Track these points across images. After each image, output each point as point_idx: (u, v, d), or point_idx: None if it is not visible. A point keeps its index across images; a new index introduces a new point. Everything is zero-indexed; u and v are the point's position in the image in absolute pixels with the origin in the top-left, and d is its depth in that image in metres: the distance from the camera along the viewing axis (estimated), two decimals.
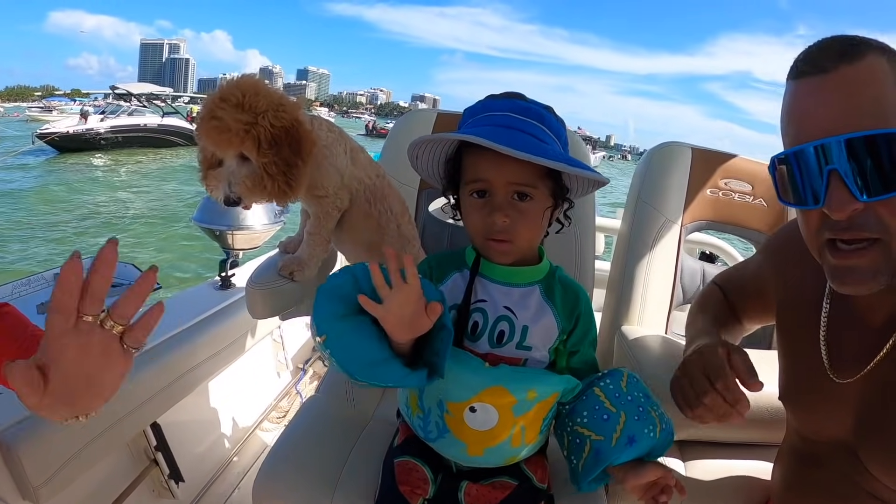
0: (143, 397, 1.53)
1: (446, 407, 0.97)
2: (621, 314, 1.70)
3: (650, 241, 1.71)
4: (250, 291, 1.31)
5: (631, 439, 0.92)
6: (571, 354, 1.05)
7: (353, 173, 1.36)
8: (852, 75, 0.72)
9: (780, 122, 0.83)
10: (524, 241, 0.97)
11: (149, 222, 11.70)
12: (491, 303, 1.00)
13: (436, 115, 1.77)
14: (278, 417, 2.37)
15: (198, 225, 2.01)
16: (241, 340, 2.02)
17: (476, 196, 0.96)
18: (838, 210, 0.73)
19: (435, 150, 1.02)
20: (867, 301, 0.85)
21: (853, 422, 0.86)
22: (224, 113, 1.13)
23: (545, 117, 0.97)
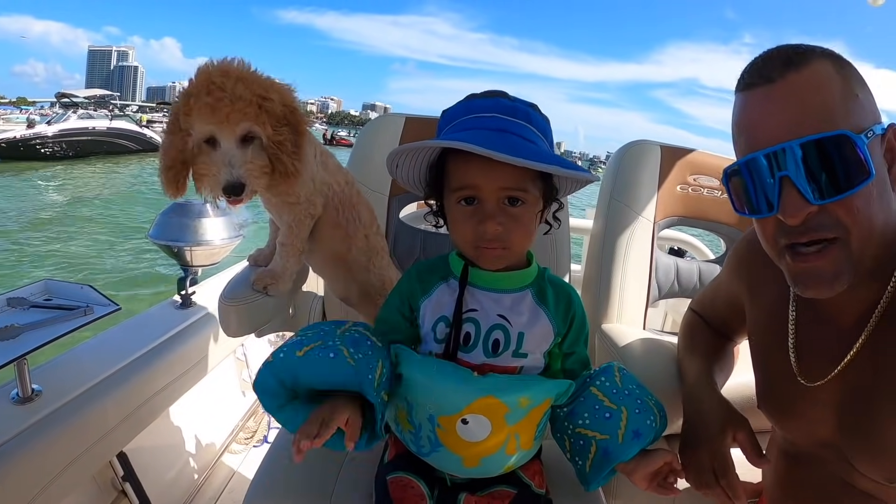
0: (108, 427, 1.45)
1: (437, 421, 0.94)
2: (600, 313, 1.71)
3: (624, 238, 1.72)
4: (224, 308, 1.24)
5: (636, 433, 0.93)
6: (567, 356, 1.04)
7: (324, 178, 1.28)
8: (799, 82, 0.74)
9: (732, 135, 0.85)
10: (518, 246, 0.94)
11: (99, 236, 11.27)
12: (482, 311, 0.97)
13: (404, 119, 1.73)
14: (246, 438, 2.30)
15: (154, 242, 1.91)
16: (204, 360, 1.94)
17: (464, 203, 0.91)
18: (792, 215, 0.75)
19: (417, 156, 0.97)
20: (834, 303, 0.84)
21: (835, 422, 0.86)
22: (231, 85, 1.02)
23: (532, 116, 0.92)
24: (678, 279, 1.79)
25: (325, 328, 0.96)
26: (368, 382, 0.89)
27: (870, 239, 0.75)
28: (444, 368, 0.92)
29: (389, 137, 1.71)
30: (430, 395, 0.94)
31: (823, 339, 0.88)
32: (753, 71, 0.79)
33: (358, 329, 0.97)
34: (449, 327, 0.95)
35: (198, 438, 2.06)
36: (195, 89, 1.03)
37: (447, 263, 1.03)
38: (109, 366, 1.54)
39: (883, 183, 0.75)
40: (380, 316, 1.07)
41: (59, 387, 1.39)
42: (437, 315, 0.97)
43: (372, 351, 0.93)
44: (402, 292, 1.03)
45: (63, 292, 1.56)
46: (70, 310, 1.43)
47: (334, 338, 0.92)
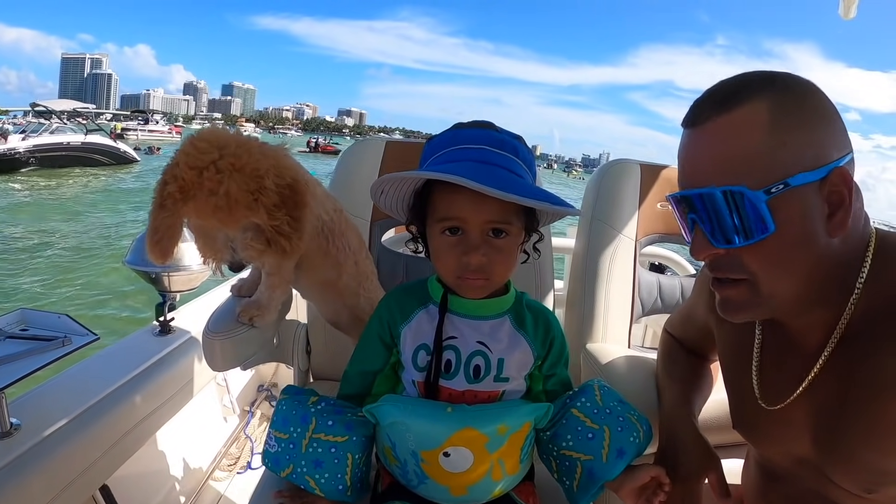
0: (90, 460, 1.41)
1: (420, 456, 0.95)
2: (584, 332, 1.72)
3: (607, 257, 1.73)
4: (209, 342, 1.21)
5: (620, 451, 0.95)
6: (547, 378, 1.06)
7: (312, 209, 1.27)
8: (721, 129, 0.75)
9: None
10: (499, 277, 0.95)
11: (73, 260, 11.01)
12: (462, 339, 0.98)
13: (384, 144, 1.73)
14: (229, 465, 2.25)
15: (131, 268, 1.87)
16: (185, 388, 1.91)
17: (448, 233, 0.92)
18: (697, 254, 0.82)
19: (402, 184, 0.97)
20: (797, 327, 0.87)
21: (809, 440, 0.87)
22: (226, 183, 1.00)
23: (518, 149, 0.94)
24: (661, 296, 1.80)
25: (294, 434, 0.99)
26: (339, 493, 0.98)
27: (781, 281, 0.78)
28: (419, 407, 0.95)
29: (370, 163, 1.71)
30: (409, 433, 0.95)
31: (787, 362, 0.90)
32: (692, 108, 0.81)
33: (325, 422, 0.99)
34: (430, 355, 0.97)
35: (181, 467, 2.02)
36: (187, 180, 1.00)
37: (426, 288, 1.04)
38: (90, 397, 1.50)
39: (798, 237, 0.75)
40: (359, 346, 1.08)
41: (38, 420, 1.35)
42: (418, 342, 0.99)
43: (336, 448, 0.97)
44: (382, 318, 1.04)
45: (39, 322, 1.51)
46: (48, 340, 1.40)
47: (300, 459, 0.98)
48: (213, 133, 1.06)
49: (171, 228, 1.04)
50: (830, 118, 0.75)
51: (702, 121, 0.77)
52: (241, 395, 2.57)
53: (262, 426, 2.52)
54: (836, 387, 0.81)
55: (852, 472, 0.81)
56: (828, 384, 0.82)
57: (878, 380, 0.74)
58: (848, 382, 0.79)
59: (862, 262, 0.78)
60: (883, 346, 0.75)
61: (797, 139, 0.73)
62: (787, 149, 0.73)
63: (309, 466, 0.97)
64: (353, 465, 0.98)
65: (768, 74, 0.76)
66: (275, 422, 1.02)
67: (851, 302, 0.78)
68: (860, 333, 0.78)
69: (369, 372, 1.06)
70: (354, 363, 1.08)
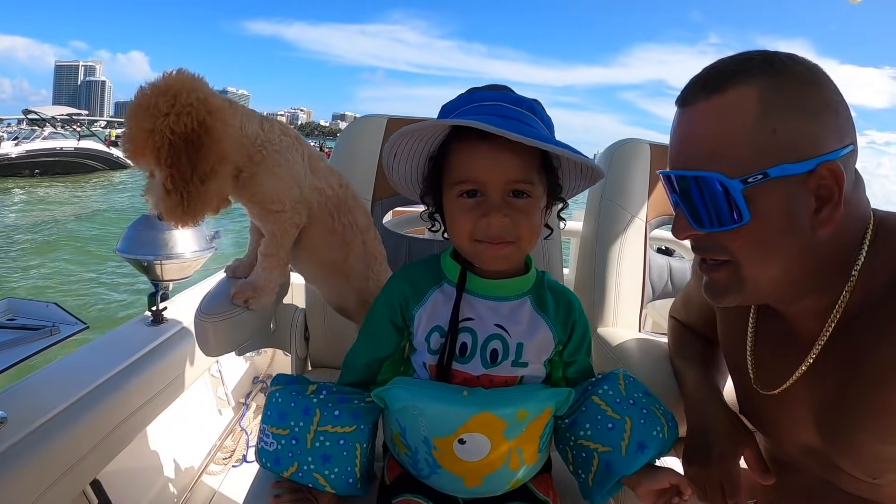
0: (80, 453, 1.36)
1: (433, 444, 0.89)
2: (595, 316, 1.67)
3: (618, 239, 1.68)
4: (201, 324, 1.16)
5: (641, 445, 0.90)
6: (568, 365, 1.00)
7: (314, 183, 1.20)
8: (708, 111, 0.74)
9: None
10: (525, 241, 0.89)
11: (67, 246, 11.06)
12: (479, 321, 0.92)
13: (386, 120, 1.68)
14: (224, 458, 2.21)
15: (123, 256, 1.82)
16: (178, 379, 1.86)
17: (466, 196, 0.86)
18: (678, 233, 0.82)
19: (416, 148, 0.92)
20: (792, 314, 0.86)
21: (812, 428, 0.85)
22: (131, 120, 0.98)
23: (536, 109, 0.89)
24: (671, 279, 1.76)
25: (296, 429, 0.92)
26: (349, 487, 0.93)
27: (763, 268, 0.77)
28: (432, 390, 0.89)
29: (371, 140, 1.66)
30: (421, 419, 0.90)
31: (783, 348, 0.89)
32: (685, 88, 0.79)
33: (332, 412, 0.92)
34: (444, 337, 0.91)
35: (175, 461, 1.97)
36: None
37: (439, 266, 0.98)
38: (79, 388, 1.44)
39: (782, 224, 0.73)
40: (365, 330, 1.02)
41: (25, 413, 1.29)
42: (432, 324, 0.93)
43: (344, 440, 0.91)
44: (393, 300, 0.97)
45: (27, 311, 1.47)
46: (35, 329, 1.35)
47: (305, 455, 0.91)
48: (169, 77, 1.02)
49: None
50: (833, 106, 0.72)
51: (691, 101, 0.76)
52: (237, 387, 2.53)
53: (258, 418, 2.47)
54: (836, 374, 0.80)
55: (857, 459, 0.80)
56: (828, 372, 0.81)
57: (878, 368, 0.73)
58: (848, 370, 0.77)
59: (860, 248, 0.77)
60: (881, 333, 0.73)
61: (789, 128, 0.70)
62: (775, 137, 0.70)
63: (317, 462, 0.91)
64: (362, 456, 0.93)
65: (770, 56, 0.74)
66: (269, 416, 0.94)
67: (847, 289, 0.77)
68: (858, 321, 0.77)
69: (378, 359, 1.00)
70: (361, 350, 1.01)
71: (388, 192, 1.64)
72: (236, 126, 1.07)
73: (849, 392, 0.77)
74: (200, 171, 1.00)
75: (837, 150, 0.70)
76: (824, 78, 0.72)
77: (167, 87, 0.98)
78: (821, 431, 0.84)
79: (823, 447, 0.84)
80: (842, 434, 0.80)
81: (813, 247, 0.74)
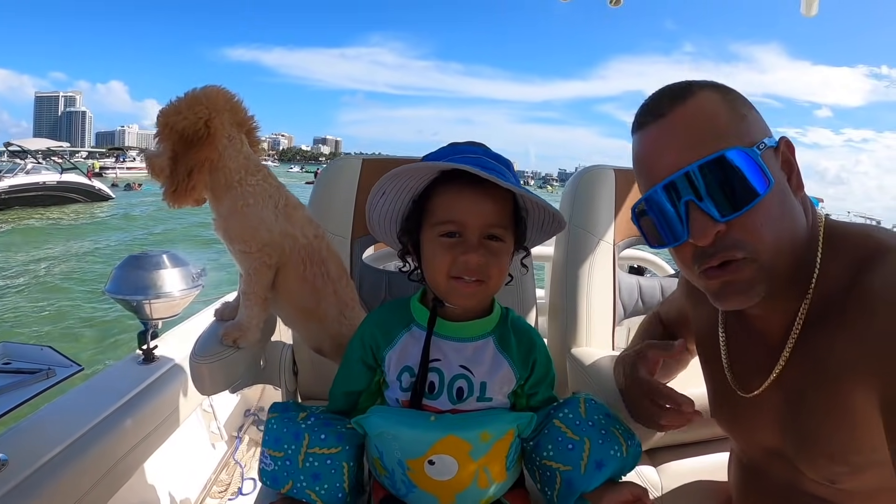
0: (81, 492, 1.41)
1: (406, 465, 0.97)
2: (568, 337, 1.73)
3: (587, 264, 1.74)
4: (196, 366, 1.21)
5: (599, 463, 0.95)
6: (530, 396, 1.07)
7: (286, 229, 1.27)
8: (687, 112, 0.79)
9: (635, 175, 0.89)
10: (494, 281, 0.97)
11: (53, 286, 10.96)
12: (445, 361, 1.00)
13: (361, 161, 1.74)
14: (220, 492, 2.23)
15: (111, 297, 1.86)
16: (171, 416, 1.90)
17: (446, 237, 0.95)
18: (702, 236, 0.78)
19: (404, 187, 1.00)
20: (759, 317, 0.90)
21: (778, 429, 0.89)
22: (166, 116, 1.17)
23: (509, 166, 0.99)
24: (641, 297, 1.83)
25: (289, 451, 1.00)
26: (340, 501, 1.00)
27: (778, 250, 0.78)
28: (404, 417, 0.97)
29: (348, 180, 1.72)
30: (394, 443, 0.97)
31: (754, 351, 0.92)
32: (644, 111, 0.84)
33: (318, 436, 1.01)
34: (413, 377, 0.99)
35: (172, 496, 1.99)
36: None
37: (408, 309, 1.06)
38: (77, 429, 1.49)
39: (783, 192, 0.79)
40: (342, 368, 1.10)
41: (25, 455, 1.34)
42: (402, 364, 1.01)
43: (331, 460, 0.99)
44: (365, 342, 1.06)
45: (22, 355, 1.51)
46: (31, 373, 1.39)
47: (298, 474, 0.99)
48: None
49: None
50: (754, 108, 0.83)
51: (663, 113, 0.80)
52: (229, 421, 2.56)
53: (251, 451, 2.51)
54: (799, 376, 0.83)
55: (817, 461, 0.83)
56: (793, 373, 0.85)
57: (831, 368, 0.77)
58: (808, 372, 0.81)
59: (816, 252, 0.81)
60: (835, 334, 0.77)
61: (750, 115, 0.81)
62: (747, 121, 0.80)
63: (308, 480, 0.99)
64: (350, 473, 1.00)
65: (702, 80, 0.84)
66: (267, 440, 1.02)
67: (809, 292, 0.81)
68: (816, 322, 0.81)
69: (355, 392, 1.09)
70: (340, 383, 1.10)
71: (367, 231, 1.68)
72: (223, 150, 1.21)
73: (809, 393, 0.81)
74: (190, 156, 1.17)
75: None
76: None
77: (203, 95, 1.19)
78: (783, 432, 0.88)
79: (786, 449, 0.88)
80: (803, 436, 0.84)
81: (801, 223, 0.81)
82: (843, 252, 0.80)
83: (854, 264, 0.77)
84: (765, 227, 0.77)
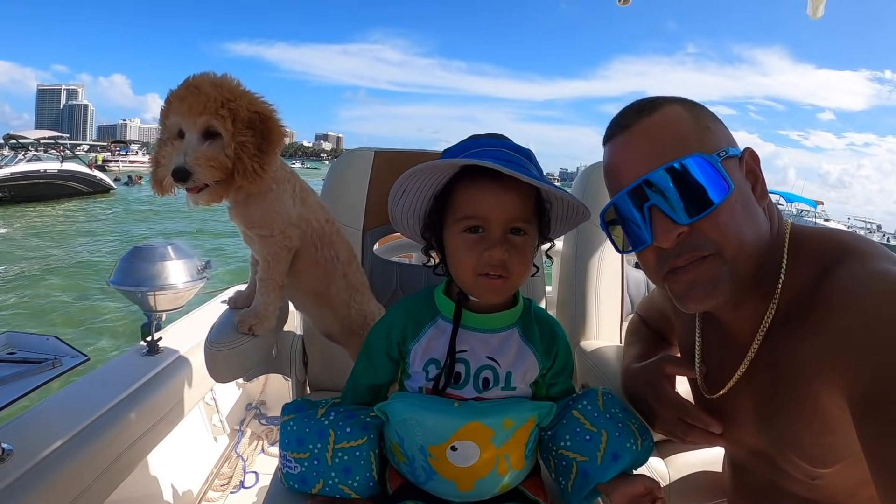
0: (84, 484, 1.39)
1: (428, 451, 0.97)
2: (577, 331, 1.75)
3: (596, 257, 1.76)
4: (210, 353, 1.21)
5: (615, 455, 0.96)
6: (551, 386, 1.08)
7: (302, 214, 1.29)
8: (653, 123, 0.84)
9: (606, 184, 0.93)
10: (517, 276, 0.96)
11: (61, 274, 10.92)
12: (472, 352, 1.00)
13: (373, 154, 1.74)
14: (222, 485, 2.23)
15: (116, 288, 1.85)
16: (175, 408, 1.89)
17: (469, 232, 0.95)
18: (664, 238, 0.83)
19: (424, 184, 0.99)
20: (729, 320, 0.93)
21: (754, 429, 0.91)
22: (203, 84, 1.10)
23: (531, 157, 0.99)
24: (649, 292, 1.83)
25: (315, 450, 1.01)
26: (372, 489, 1.03)
27: (741, 250, 0.81)
28: (428, 403, 0.98)
29: (360, 172, 1.73)
30: (418, 429, 0.98)
31: (724, 354, 0.96)
32: (613, 124, 0.88)
33: (343, 430, 1.02)
34: (439, 369, 0.99)
35: (174, 488, 1.99)
36: (176, 90, 1.12)
37: (433, 301, 1.06)
38: (81, 420, 1.48)
39: (746, 198, 0.83)
40: (364, 360, 1.10)
41: (30, 445, 1.33)
42: (427, 357, 1.01)
43: (359, 451, 1.01)
44: (392, 333, 1.05)
45: (27, 344, 1.50)
46: (37, 363, 1.38)
47: (329, 472, 1.00)
48: (208, 73, 1.16)
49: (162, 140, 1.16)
50: (719, 120, 0.88)
51: (629, 125, 0.86)
52: (231, 414, 2.56)
53: (253, 444, 2.51)
54: (768, 378, 0.86)
55: (794, 458, 0.85)
56: (761, 375, 0.87)
57: (797, 369, 0.79)
58: (778, 374, 0.84)
59: (782, 257, 0.85)
60: (799, 335, 0.79)
61: (714, 126, 0.86)
62: (710, 132, 0.84)
63: (340, 476, 1.00)
64: (377, 461, 1.02)
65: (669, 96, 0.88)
66: (287, 444, 1.03)
67: (775, 296, 0.84)
68: (782, 326, 0.83)
69: (378, 385, 1.10)
70: (361, 376, 1.10)
71: (378, 222, 1.70)
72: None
73: (778, 394, 0.84)
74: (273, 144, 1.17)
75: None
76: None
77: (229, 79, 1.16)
78: (760, 432, 0.90)
79: (765, 448, 0.91)
80: (778, 435, 0.86)
81: (764, 230, 0.84)
82: (808, 257, 0.83)
83: (819, 268, 0.80)
84: (728, 227, 0.80)
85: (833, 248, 0.81)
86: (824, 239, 0.84)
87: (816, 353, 0.75)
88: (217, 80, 1.13)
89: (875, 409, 0.66)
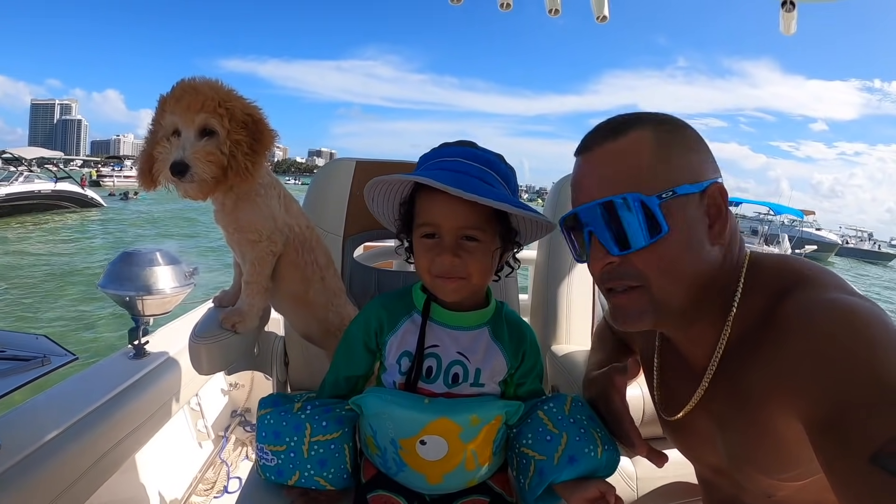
0: (64, 484, 1.42)
1: (399, 444, 1.02)
2: (549, 336, 1.79)
3: (567, 264, 1.82)
4: (194, 346, 1.26)
5: (572, 458, 0.99)
6: (518, 386, 1.13)
7: (286, 220, 1.34)
8: (611, 150, 0.85)
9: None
10: (475, 278, 1.02)
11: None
12: (443, 348, 1.05)
13: (354, 163, 1.79)
14: (206, 490, 2.24)
15: (104, 292, 1.88)
16: (160, 412, 1.92)
17: (426, 237, 1.01)
18: (595, 263, 0.88)
19: (389, 193, 1.07)
20: (685, 344, 0.95)
21: (714, 449, 0.93)
22: (200, 84, 1.16)
23: (493, 163, 1.03)
24: None
25: (291, 443, 1.06)
26: (346, 482, 1.08)
27: (673, 284, 0.84)
28: (399, 398, 1.02)
29: (341, 181, 1.78)
30: (389, 423, 1.02)
31: (680, 377, 0.97)
32: (584, 139, 0.90)
33: (319, 424, 1.07)
34: (412, 362, 1.04)
35: (158, 492, 2.01)
36: (171, 91, 1.16)
37: (410, 296, 1.12)
38: (67, 418, 1.51)
39: (688, 238, 0.83)
40: (342, 352, 1.15)
41: (17, 440, 1.36)
42: (402, 350, 1.06)
43: (335, 444, 1.07)
44: (370, 325, 1.11)
45: (16, 343, 1.51)
46: (26, 360, 1.40)
47: (304, 464, 1.06)
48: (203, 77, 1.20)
49: (151, 155, 1.18)
50: (703, 147, 0.87)
51: (598, 145, 0.87)
52: (216, 421, 2.58)
53: (237, 451, 2.53)
54: (722, 401, 0.88)
55: (751, 477, 0.88)
56: (718, 397, 0.89)
57: (750, 393, 0.81)
58: (734, 397, 0.85)
59: (737, 286, 0.87)
60: (753, 360, 0.81)
61: (679, 158, 0.84)
62: (670, 165, 0.83)
63: (315, 468, 1.05)
64: (351, 453, 1.08)
65: (652, 112, 0.88)
66: (264, 436, 1.07)
67: (729, 320, 0.86)
68: (736, 351, 0.85)
69: (355, 377, 1.14)
70: (340, 368, 1.15)
71: (358, 229, 1.76)
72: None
73: (738, 417, 0.85)
74: (264, 147, 1.21)
75: (715, 178, 0.84)
76: (692, 128, 0.88)
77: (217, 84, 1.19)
78: (719, 454, 0.92)
79: (724, 465, 0.93)
80: (736, 455, 0.88)
81: (709, 265, 0.84)
82: (763, 284, 0.84)
83: (773, 295, 0.81)
84: (659, 263, 0.82)
85: (788, 275, 0.83)
86: (780, 267, 0.86)
87: (771, 376, 0.77)
88: (212, 82, 1.18)
89: (831, 431, 0.68)
